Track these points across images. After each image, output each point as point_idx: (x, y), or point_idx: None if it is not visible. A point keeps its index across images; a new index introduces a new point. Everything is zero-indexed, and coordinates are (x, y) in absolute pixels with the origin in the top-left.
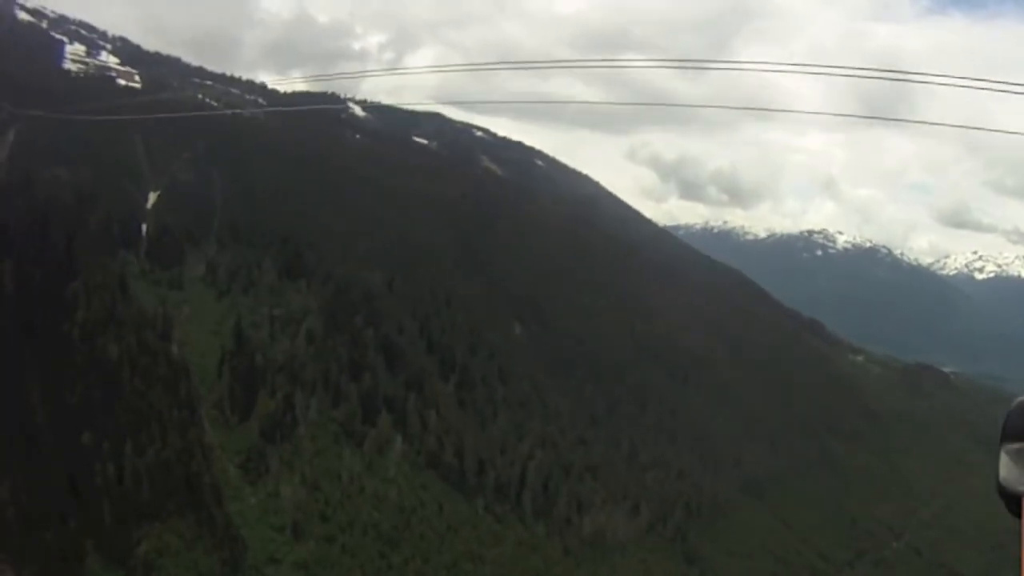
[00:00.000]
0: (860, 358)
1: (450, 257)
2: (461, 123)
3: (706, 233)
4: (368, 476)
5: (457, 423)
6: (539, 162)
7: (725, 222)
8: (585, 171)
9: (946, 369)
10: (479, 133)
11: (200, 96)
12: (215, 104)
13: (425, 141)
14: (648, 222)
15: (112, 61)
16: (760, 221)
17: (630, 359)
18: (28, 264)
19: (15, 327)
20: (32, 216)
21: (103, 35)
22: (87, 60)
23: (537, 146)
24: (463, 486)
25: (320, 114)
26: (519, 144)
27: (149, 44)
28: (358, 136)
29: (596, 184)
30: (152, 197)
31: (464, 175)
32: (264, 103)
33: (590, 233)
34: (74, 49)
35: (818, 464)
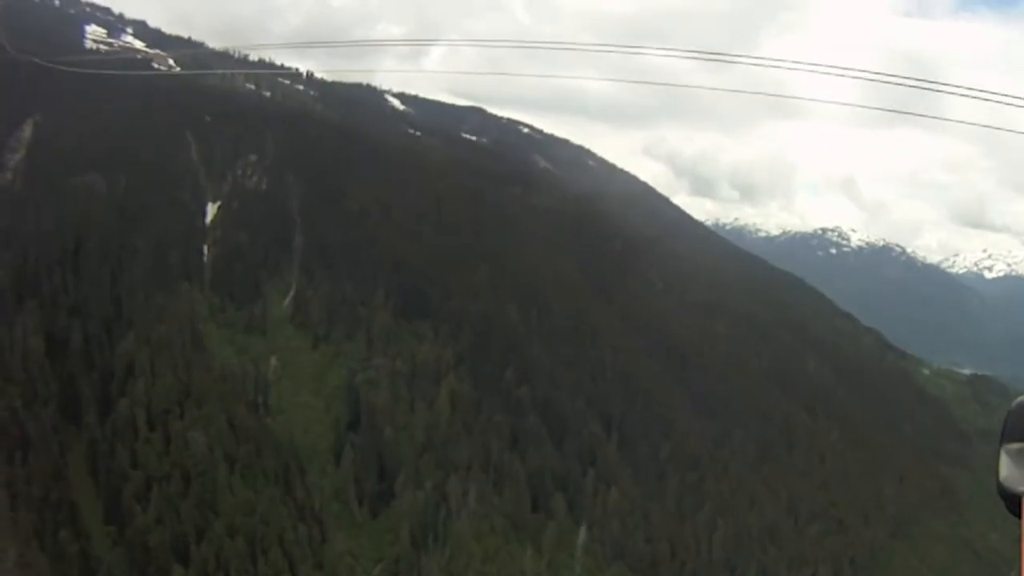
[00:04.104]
0: (927, 371)
1: (574, 280)
2: (506, 119)
3: (718, 230)
4: None
5: (635, 496)
6: (591, 162)
7: (736, 219)
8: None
9: (966, 371)
10: (525, 129)
11: (250, 85)
12: (267, 94)
13: (473, 137)
14: (716, 234)
15: (138, 44)
16: (770, 218)
17: (768, 393)
18: (60, 310)
19: (50, 408)
20: (61, 240)
21: (120, 17)
22: (110, 41)
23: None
24: None
25: (371, 108)
26: (566, 141)
27: (166, 30)
28: (418, 133)
29: (645, 184)
30: (212, 210)
31: (527, 177)
32: (315, 94)
33: (687, 249)
34: (93, 30)
35: (936, 495)
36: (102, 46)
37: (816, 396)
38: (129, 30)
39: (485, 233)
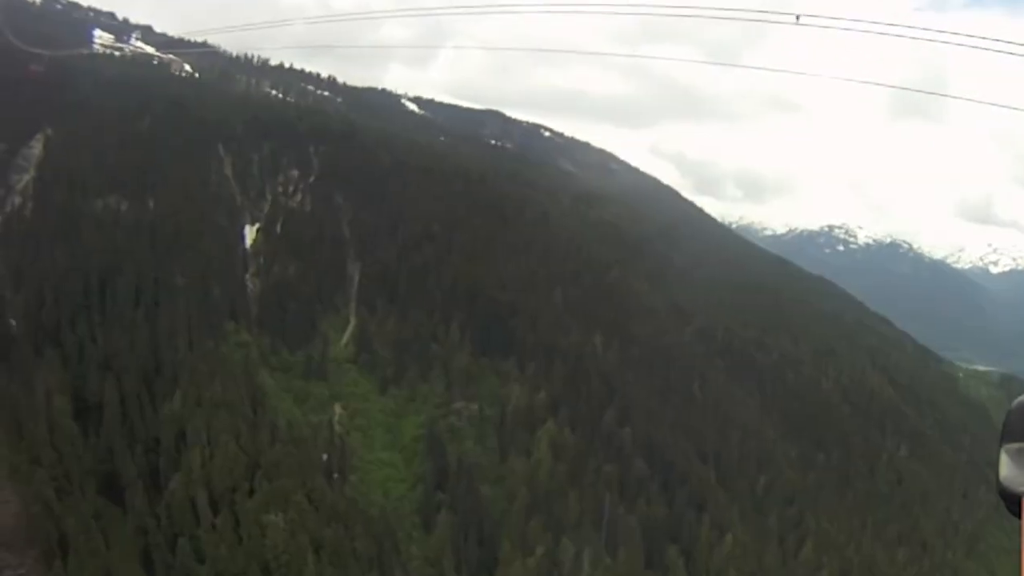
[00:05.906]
0: (960, 375)
1: (646, 300)
2: (526, 122)
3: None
4: None
5: (745, 539)
6: (614, 165)
7: (741, 217)
8: None
9: (979, 367)
10: (546, 133)
11: (274, 91)
12: (290, 99)
13: (496, 142)
14: (745, 239)
15: (148, 49)
16: (775, 216)
17: (840, 413)
18: (87, 364)
19: (87, 492)
20: (83, 277)
21: (125, 22)
22: (119, 45)
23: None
24: None
25: (394, 113)
26: (587, 144)
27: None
28: (445, 139)
29: (669, 188)
30: (250, 233)
31: (566, 185)
32: (340, 100)
33: (731, 257)
34: (100, 35)
35: (995, 506)
36: (113, 51)
37: (884, 412)
38: (136, 34)
39: (551, 251)
